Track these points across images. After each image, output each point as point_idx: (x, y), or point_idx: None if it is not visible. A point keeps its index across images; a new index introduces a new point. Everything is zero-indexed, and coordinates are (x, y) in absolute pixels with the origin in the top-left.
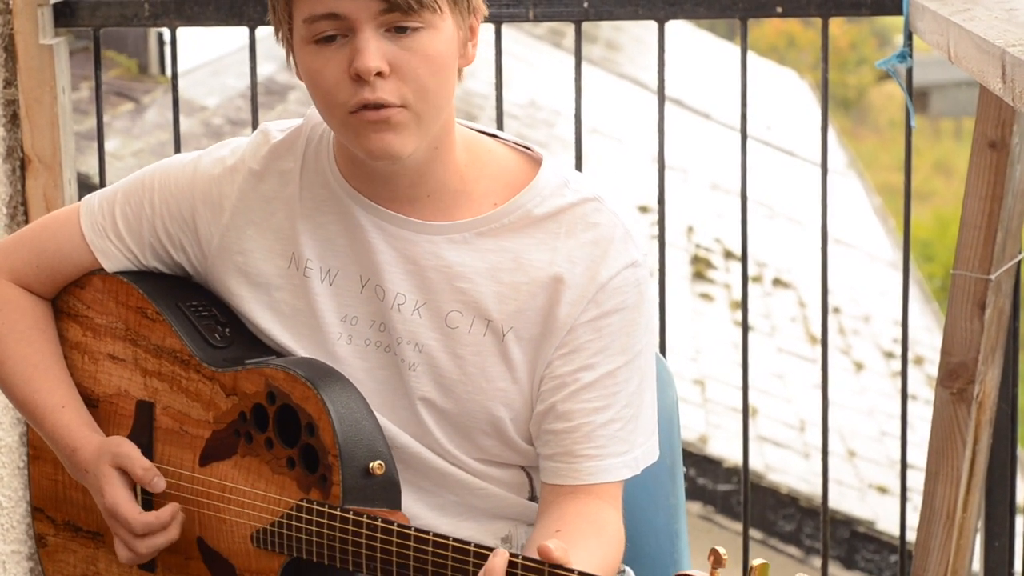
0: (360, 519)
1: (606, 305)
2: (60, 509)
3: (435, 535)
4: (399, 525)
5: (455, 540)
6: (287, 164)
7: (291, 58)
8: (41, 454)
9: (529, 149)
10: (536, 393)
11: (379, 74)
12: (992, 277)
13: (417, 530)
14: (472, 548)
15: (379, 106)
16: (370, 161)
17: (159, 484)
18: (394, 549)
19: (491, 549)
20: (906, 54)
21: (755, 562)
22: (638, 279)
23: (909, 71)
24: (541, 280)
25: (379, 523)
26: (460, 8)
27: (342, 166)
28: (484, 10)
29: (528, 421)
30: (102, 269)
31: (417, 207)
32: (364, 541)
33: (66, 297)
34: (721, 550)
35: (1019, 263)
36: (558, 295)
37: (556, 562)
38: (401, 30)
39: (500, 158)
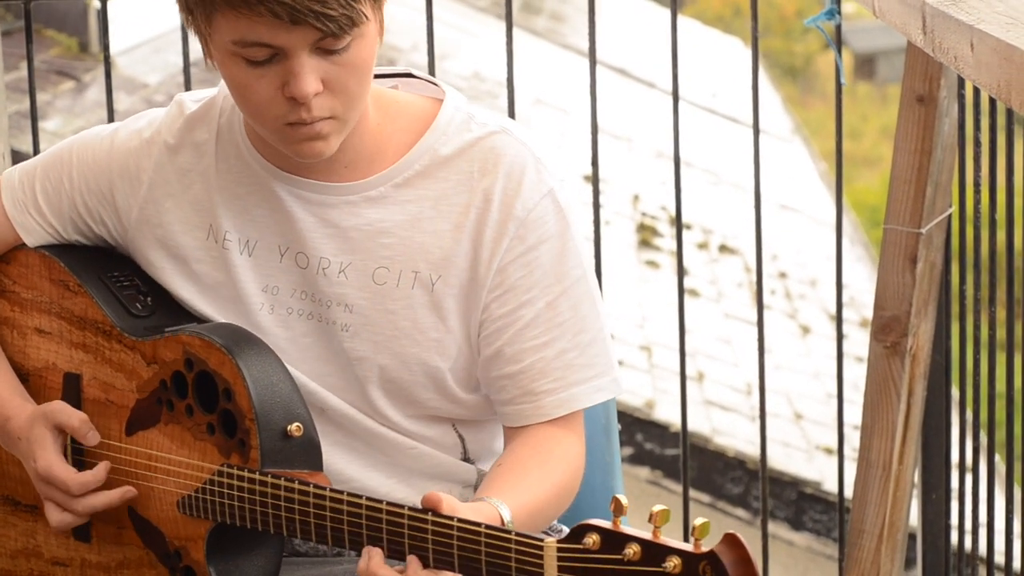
0: (278, 482)
1: (529, 239)
2: None
3: (349, 494)
4: (315, 486)
5: (368, 499)
6: (201, 135)
7: (207, 52)
8: None
9: (435, 85)
10: (478, 339)
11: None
12: (923, 231)
13: (333, 491)
14: (385, 506)
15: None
16: (296, 160)
17: (93, 437)
18: (311, 511)
19: (402, 506)
20: (834, 11)
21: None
22: (558, 206)
23: (838, 28)
24: (463, 224)
25: (296, 485)
26: (379, 4)
27: (255, 141)
28: None
29: (467, 368)
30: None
31: (335, 175)
32: (283, 504)
33: None
34: (622, 497)
35: (949, 217)
36: (480, 236)
37: (432, 507)
38: (333, 51)
39: (406, 107)
